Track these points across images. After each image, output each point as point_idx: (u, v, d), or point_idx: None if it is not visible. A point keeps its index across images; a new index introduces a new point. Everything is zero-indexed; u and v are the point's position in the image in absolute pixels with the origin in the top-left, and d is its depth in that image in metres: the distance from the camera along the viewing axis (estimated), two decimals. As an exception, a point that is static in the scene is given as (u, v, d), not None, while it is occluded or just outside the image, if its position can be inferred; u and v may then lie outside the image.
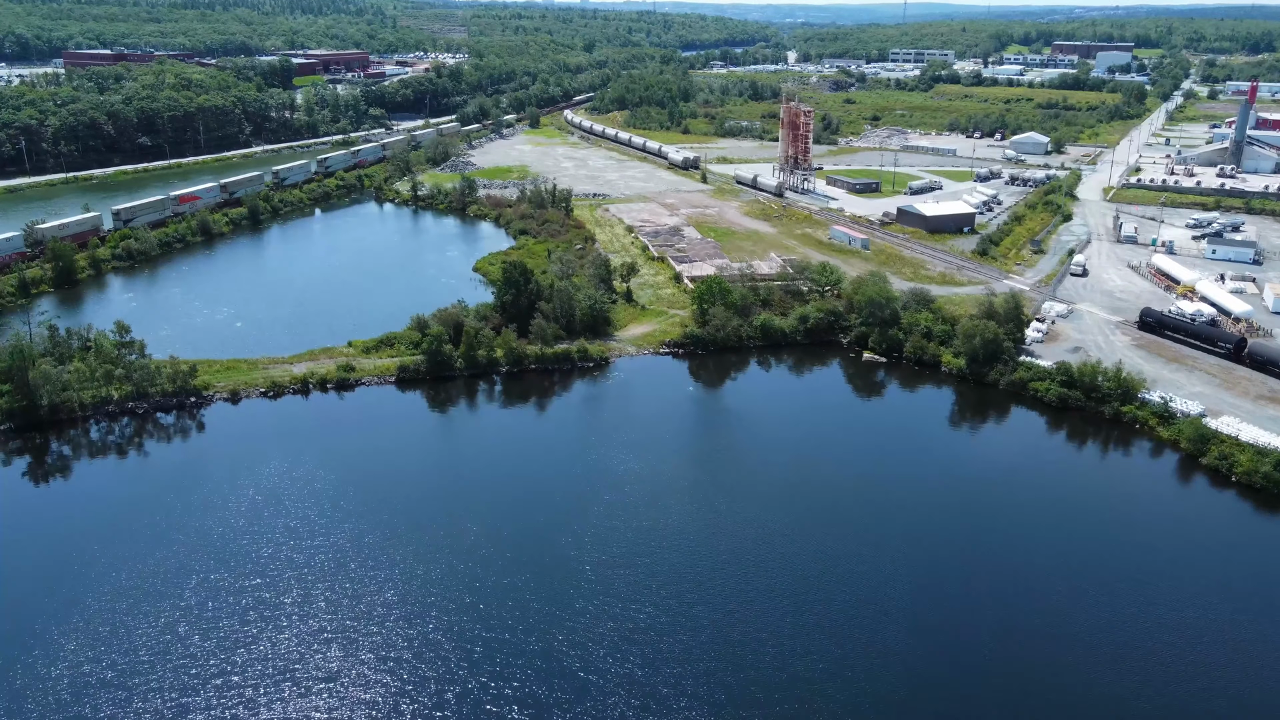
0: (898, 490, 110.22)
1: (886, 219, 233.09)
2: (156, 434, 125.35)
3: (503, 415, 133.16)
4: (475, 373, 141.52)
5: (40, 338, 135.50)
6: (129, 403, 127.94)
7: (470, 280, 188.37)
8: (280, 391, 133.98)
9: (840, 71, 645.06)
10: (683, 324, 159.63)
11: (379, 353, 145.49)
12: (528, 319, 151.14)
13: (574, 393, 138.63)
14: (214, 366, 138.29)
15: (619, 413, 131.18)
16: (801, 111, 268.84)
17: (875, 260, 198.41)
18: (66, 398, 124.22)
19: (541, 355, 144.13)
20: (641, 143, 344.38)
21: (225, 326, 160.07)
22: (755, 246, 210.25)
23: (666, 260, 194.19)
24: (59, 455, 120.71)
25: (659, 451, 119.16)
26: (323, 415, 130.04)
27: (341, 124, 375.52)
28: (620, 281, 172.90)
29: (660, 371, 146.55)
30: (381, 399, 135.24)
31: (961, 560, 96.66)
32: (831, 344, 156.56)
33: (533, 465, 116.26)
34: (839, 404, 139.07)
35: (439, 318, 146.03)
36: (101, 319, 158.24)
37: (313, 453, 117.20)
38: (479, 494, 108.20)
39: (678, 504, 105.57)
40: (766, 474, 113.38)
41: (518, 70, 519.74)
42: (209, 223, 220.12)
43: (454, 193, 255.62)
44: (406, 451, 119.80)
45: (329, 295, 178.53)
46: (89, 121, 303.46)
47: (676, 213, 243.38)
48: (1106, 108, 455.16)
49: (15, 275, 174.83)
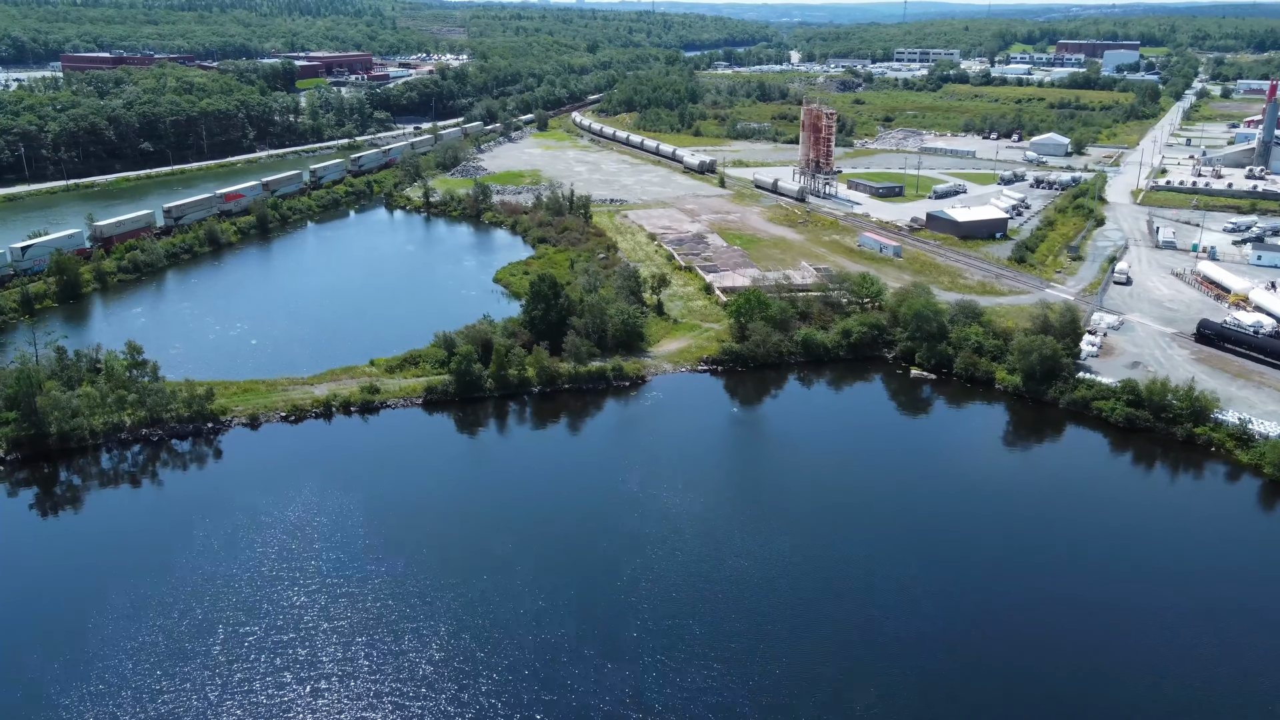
0: (958, 519, 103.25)
1: (915, 225, 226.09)
2: (172, 462, 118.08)
3: (538, 439, 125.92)
4: (506, 393, 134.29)
5: (47, 359, 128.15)
6: (142, 429, 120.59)
7: (491, 292, 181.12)
8: (302, 415, 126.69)
9: (847, 71, 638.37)
10: (718, 338, 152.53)
11: (403, 372, 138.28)
12: (558, 335, 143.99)
13: (611, 414, 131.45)
14: (231, 389, 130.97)
15: (660, 436, 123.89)
16: (823, 114, 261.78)
17: (909, 268, 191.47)
18: (76, 424, 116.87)
19: (575, 374, 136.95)
20: (654, 146, 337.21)
21: (240, 344, 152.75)
22: (783, 255, 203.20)
23: (695, 270, 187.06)
24: (68, 486, 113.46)
25: (708, 480, 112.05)
26: (347, 440, 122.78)
27: (347, 127, 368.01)
28: (650, 294, 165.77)
29: (699, 390, 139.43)
30: (408, 422, 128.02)
31: (1033, 596, 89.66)
32: (875, 359, 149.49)
33: (575, 495, 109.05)
34: (889, 424, 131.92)
35: (466, 335, 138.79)
36: (110, 337, 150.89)
37: (339, 483, 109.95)
38: (521, 530, 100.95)
39: (733, 539, 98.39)
40: (820, 503, 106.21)
41: (522, 72, 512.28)
42: (217, 232, 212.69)
43: (467, 199, 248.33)
44: (440, 480, 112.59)
45: (345, 309, 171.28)
46: (89, 127, 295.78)
47: (698, 219, 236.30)
48: (1122, 107, 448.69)
49: (18, 290, 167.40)
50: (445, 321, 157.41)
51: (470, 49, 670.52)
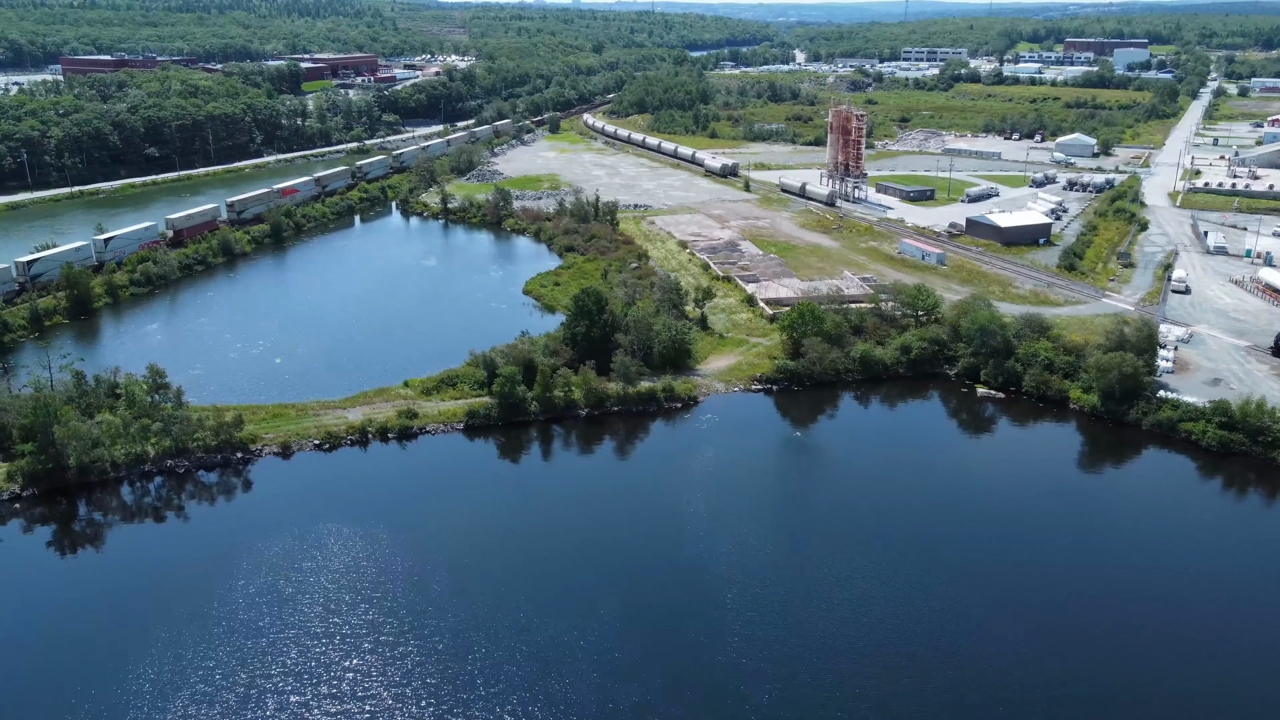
0: (1051, 556, 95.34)
1: (955, 230, 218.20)
2: (199, 495, 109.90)
3: (589, 467, 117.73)
4: (551, 416, 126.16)
5: (64, 385, 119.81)
6: (167, 460, 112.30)
7: (523, 305, 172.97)
8: (336, 443, 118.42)
9: (857, 71, 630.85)
10: (769, 355, 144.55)
11: (440, 394, 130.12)
12: (602, 353, 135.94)
13: (664, 438, 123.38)
14: (259, 414, 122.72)
15: (720, 462, 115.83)
16: (853, 116, 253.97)
17: (955, 277, 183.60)
18: (96, 456, 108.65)
19: (623, 395, 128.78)
20: (673, 149, 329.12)
21: (263, 363, 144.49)
22: (822, 263, 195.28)
23: (734, 280, 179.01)
24: (88, 523, 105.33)
25: (776, 511, 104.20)
26: (385, 469, 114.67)
27: (356, 131, 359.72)
28: (693, 307, 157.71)
29: (754, 411, 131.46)
30: (449, 449, 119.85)
31: (1143, 642, 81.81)
32: (936, 376, 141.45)
33: (639, 531, 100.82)
34: (959, 448, 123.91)
35: (507, 355, 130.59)
36: (126, 357, 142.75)
37: (381, 518, 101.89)
38: (586, 570, 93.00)
39: (809, 580, 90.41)
40: (899, 538, 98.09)
41: (530, 73, 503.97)
42: (231, 241, 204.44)
43: (487, 205, 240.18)
44: (489, 512, 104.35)
45: (370, 323, 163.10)
46: (93, 132, 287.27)
47: (727, 225, 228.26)
48: (1142, 107, 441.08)
49: (26, 306, 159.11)
50: (478, 338, 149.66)
51: (475, 50, 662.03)
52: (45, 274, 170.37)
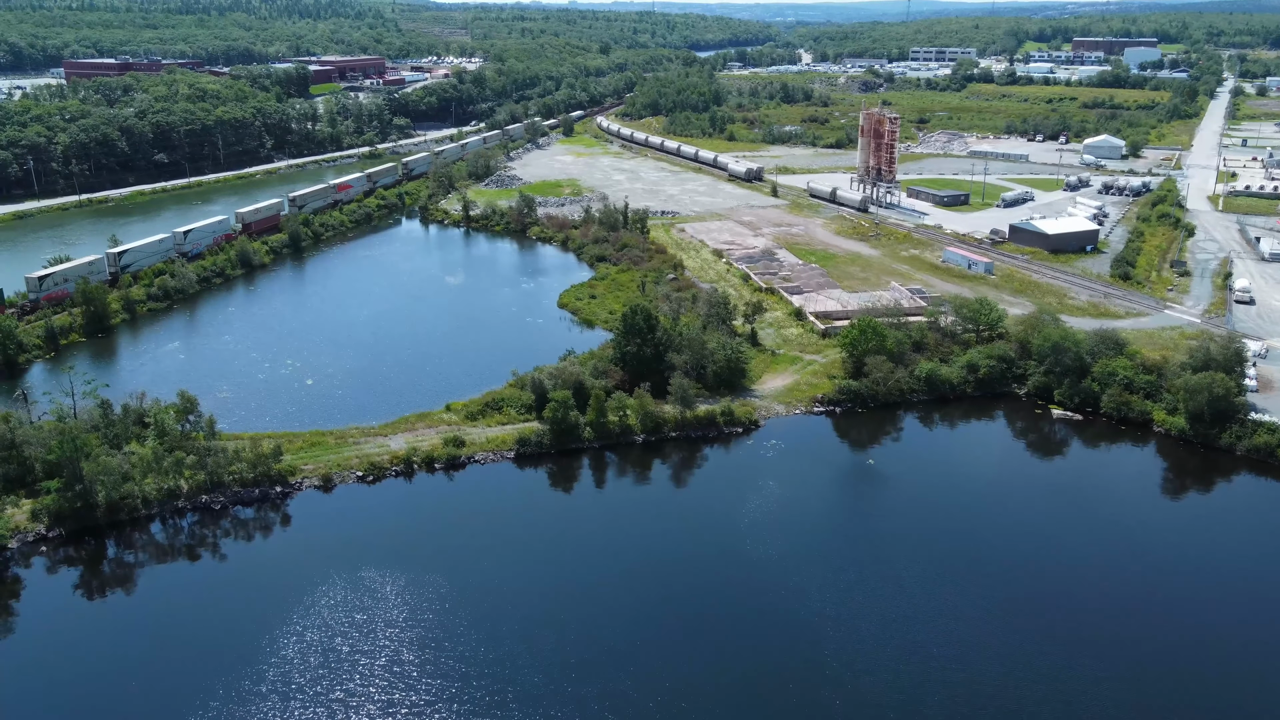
0: (1151, 596, 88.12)
1: (997, 237, 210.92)
2: (236, 533, 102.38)
3: (651, 501, 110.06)
4: (606, 443, 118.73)
5: (87, 412, 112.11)
6: (201, 495, 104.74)
7: (559, 320, 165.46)
8: (380, 474, 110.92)
9: (868, 72, 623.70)
10: (827, 373, 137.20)
11: (486, 419, 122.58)
12: (653, 373, 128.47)
13: (727, 467, 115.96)
14: (295, 442, 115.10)
15: (790, 497, 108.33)
16: (886, 118, 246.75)
17: (1006, 287, 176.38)
18: (126, 491, 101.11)
19: (681, 420, 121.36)
20: (693, 152, 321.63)
21: (293, 385, 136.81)
22: (865, 273, 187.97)
23: (778, 292, 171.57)
24: (118, 565, 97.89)
25: (854, 548, 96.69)
26: (434, 504, 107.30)
27: (367, 135, 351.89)
28: (743, 322, 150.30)
29: (819, 435, 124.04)
30: (499, 480, 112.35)
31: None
32: (1004, 396, 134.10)
33: (712, 576, 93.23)
34: (1043, 476, 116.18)
35: (556, 377, 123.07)
36: (148, 379, 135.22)
37: (432, 556, 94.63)
38: (661, 624, 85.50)
39: (901, 620, 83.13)
40: (995, 583, 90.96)
41: (540, 75, 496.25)
42: (249, 253, 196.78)
43: (511, 212, 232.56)
44: (549, 555, 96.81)
45: (402, 340, 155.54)
46: (101, 138, 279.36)
47: (760, 233, 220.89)
48: (1164, 107, 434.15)
49: (42, 323, 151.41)
50: (517, 356, 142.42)
51: (482, 51, 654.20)
52: (134, 264, 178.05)
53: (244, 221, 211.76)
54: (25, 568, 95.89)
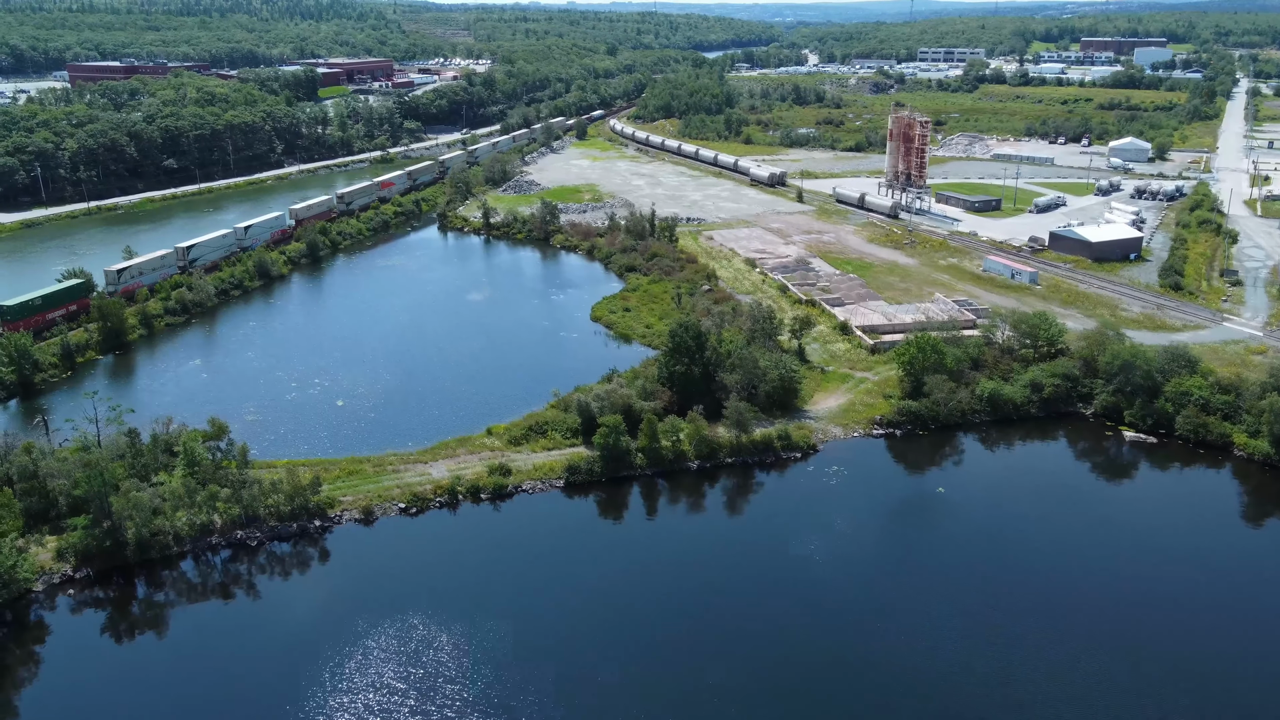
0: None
1: (1036, 245, 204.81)
2: (272, 570, 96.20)
3: (711, 533, 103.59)
4: (658, 470, 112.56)
5: (111, 440, 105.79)
6: (236, 530, 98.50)
7: (594, 334, 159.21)
8: (423, 505, 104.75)
9: (878, 73, 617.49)
10: (882, 392, 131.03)
11: (530, 444, 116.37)
12: (703, 394, 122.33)
13: (787, 495, 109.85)
14: (332, 471, 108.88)
15: (860, 526, 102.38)
16: (916, 122, 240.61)
17: (1054, 298, 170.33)
18: (157, 527, 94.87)
19: (737, 444, 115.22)
20: (712, 156, 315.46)
21: (323, 405, 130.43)
22: (905, 283, 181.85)
23: (819, 305, 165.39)
24: (150, 607, 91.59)
25: (939, 587, 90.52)
26: (481, 537, 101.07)
27: (379, 139, 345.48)
28: (789, 337, 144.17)
29: (881, 460, 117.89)
30: (549, 510, 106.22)
31: None
32: (1069, 416, 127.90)
33: (788, 614, 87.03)
34: (1125, 503, 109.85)
35: (604, 400, 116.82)
36: (172, 401, 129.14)
37: (486, 600, 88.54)
38: (729, 672, 79.36)
39: (1002, 674, 77.10)
40: (1087, 629, 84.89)
41: (550, 77, 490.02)
42: (267, 263, 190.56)
43: (533, 220, 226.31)
44: (607, 595, 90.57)
45: (432, 357, 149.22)
46: (109, 143, 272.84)
47: (790, 240, 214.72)
48: (1184, 108, 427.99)
49: (58, 340, 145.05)
50: (555, 374, 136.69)
51: (489, 53, 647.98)
52: (200, 259, 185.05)
53: (296, 217, 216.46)
54: (50, 610, 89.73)
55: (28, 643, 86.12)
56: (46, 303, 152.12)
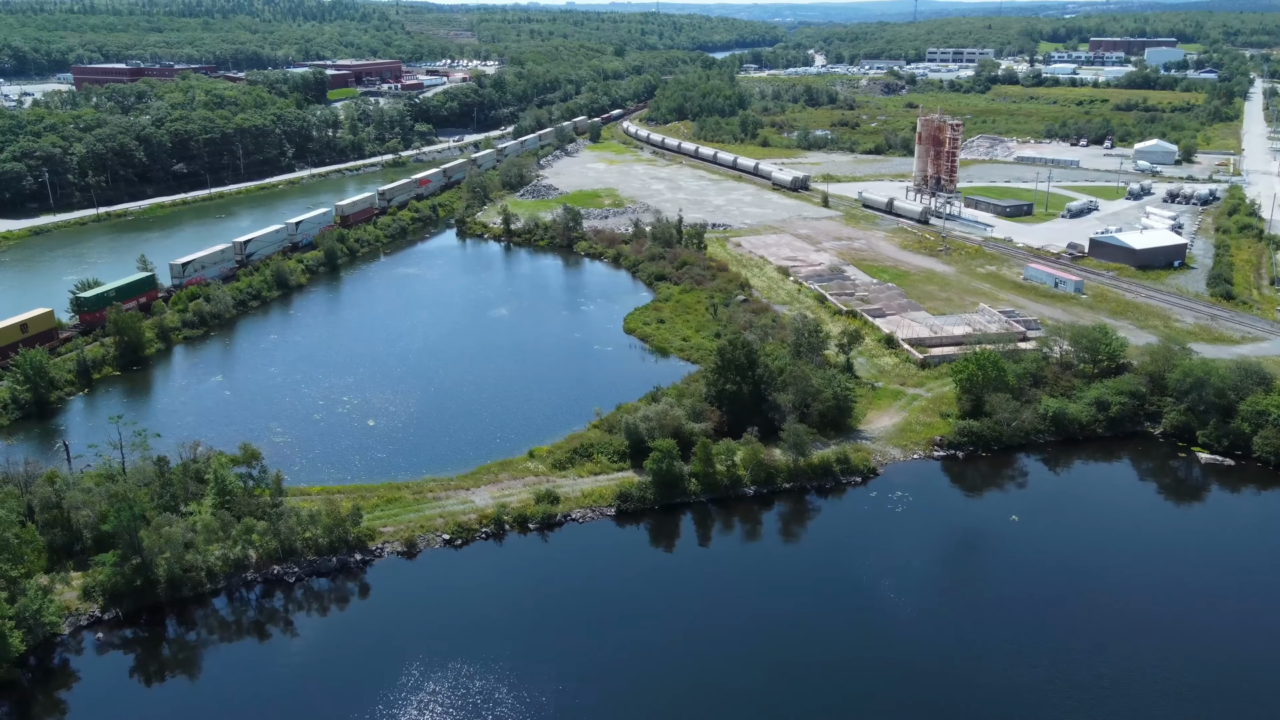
0: None
1: (1076, 252, 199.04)
2: (311, 607, 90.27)
3: (778, 564, 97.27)
4: (713, 496, 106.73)
5: (137, 467, 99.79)
6: (273, 565, 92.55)
7: (629, 348, 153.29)
8: (469, 537, 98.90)
9: (889, 74, 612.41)
10: (936, 410, 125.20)
11: (576, 468, 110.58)
12: (754, 413, 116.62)
13: (853, 524, 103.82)
14: (370, 498, 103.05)
15: (933, 561, 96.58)
16: (947, 125, 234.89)
17: (1102, 308, 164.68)
18: (189, 563, 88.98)
19: (795, 468, 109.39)
20: (731, 159, 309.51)
21: (353, 425, 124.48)
22: (945, 292, 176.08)
23: (860, 316, 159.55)
24: (180, 648, 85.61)
25: (1026, 632, 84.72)
26: (530, 571, 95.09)
27: (391, 142, 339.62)
28: (836, 351, 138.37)
29: (946, 485, 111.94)
30: (600, 540, 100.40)
31: None
32: (1136, 436, 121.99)
33: (863, 661, 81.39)
34: (1202, 531, 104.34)
35: (654, 422, 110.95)
36: (195, 421, 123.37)
37: (540, 643, 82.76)
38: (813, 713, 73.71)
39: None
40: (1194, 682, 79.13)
41: (560, 79, 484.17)
42: (285, 272, 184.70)
43: (555, 226, 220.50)
44: (673, 632, 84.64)
45: (461, 372, 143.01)
46: (118, 148, 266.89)
47: (821, 247, 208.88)
48: (1203, 109, 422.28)
49: (74, 356, 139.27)
50: (594, 391, 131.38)
51: (497, 54, 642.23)
52: (257, 254, 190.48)
53: (342, 214, 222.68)
54: (77, 653, 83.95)
55: (53, 690, 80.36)
56: (119, 294, 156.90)
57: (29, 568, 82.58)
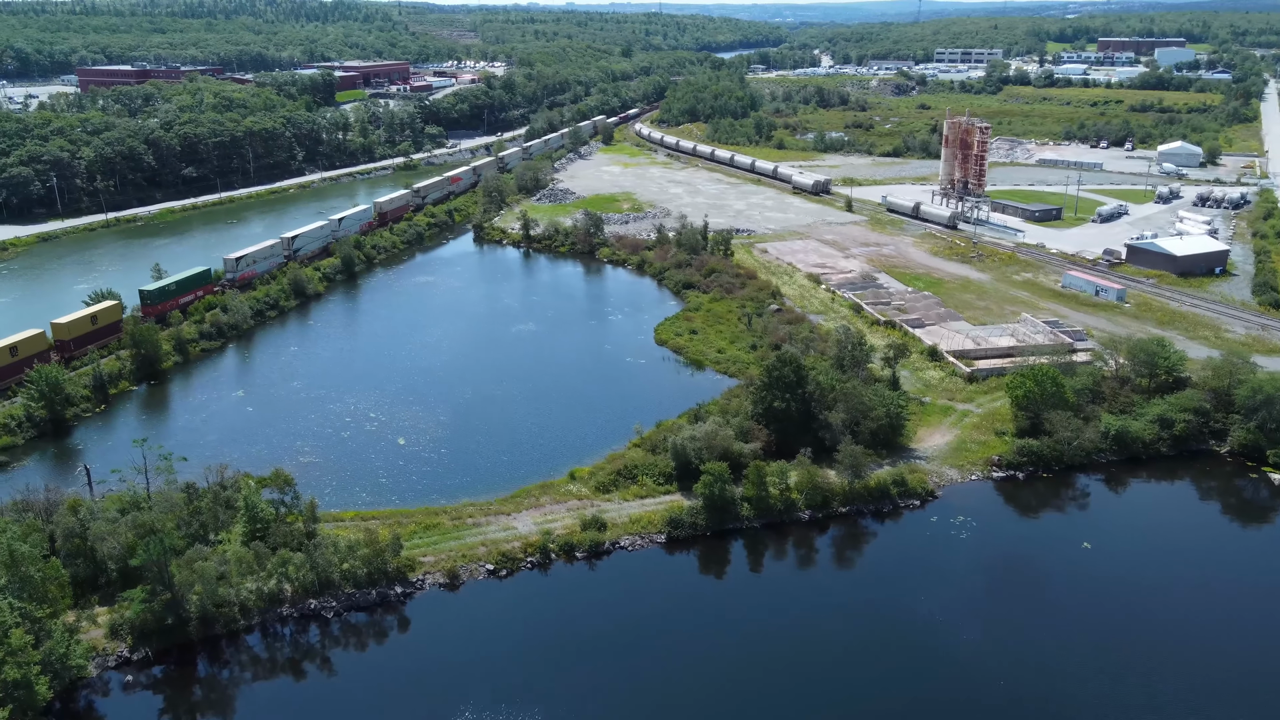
0: None
1: (1112, 259, 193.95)
2: (350, 643, 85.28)
3: (838, 595, 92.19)
4: (767, 521, 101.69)
5: (165, 498, 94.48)
6: (309, 600, 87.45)
7: (663, 360, 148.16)
8: (514, 566, 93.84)
9: (898, 74, 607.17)
10: (990, 427, 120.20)
11: (620, 491, 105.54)
12: (803, 433, 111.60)
13: (915, 551, 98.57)
14: (408, 525, 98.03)
15: (1008, 593, 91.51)
16: (976, 127, 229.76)
17: (1148, 317, 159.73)
18: (222, 598, 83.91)
19: (850, 492, 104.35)
20: (749, 162, 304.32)
21: (383, 444, 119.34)
22: (982, 301, 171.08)
23: (898, 326, 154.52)
24: (212, 689, 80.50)
25: (1116, 680, 79.71)
26: (580, 605, 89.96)
27: (402, 145, 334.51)
28: (882, 366, 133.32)
29: (1008, 509, 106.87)
30: (651, 569, 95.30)
31: None
32: (1201, 455, 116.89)
33: (943, 701, 76.49)
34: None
35: (701, 442, 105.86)
36: (219, 441, 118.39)
37: (593, 684, 77.99)
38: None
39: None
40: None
41: (570, 80, 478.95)
42: (303, 281, 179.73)
43: (576, 231, 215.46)
44: (736, 671, 79.75)
45: (489, 386, 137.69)
46: (126, 152, 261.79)
47: (849, 254, 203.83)
48: (1222, 110, 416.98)
49: (90, 372, 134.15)
50: (630, 406, 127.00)
51: (503, 55, 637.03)
52: (303, 249, 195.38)
53: (381, 210, 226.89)
54: (103, 695, 78.96)
55: (81, 736, 75.48)
56: (180, 287, 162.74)
57: (56, 607, 77.42)
